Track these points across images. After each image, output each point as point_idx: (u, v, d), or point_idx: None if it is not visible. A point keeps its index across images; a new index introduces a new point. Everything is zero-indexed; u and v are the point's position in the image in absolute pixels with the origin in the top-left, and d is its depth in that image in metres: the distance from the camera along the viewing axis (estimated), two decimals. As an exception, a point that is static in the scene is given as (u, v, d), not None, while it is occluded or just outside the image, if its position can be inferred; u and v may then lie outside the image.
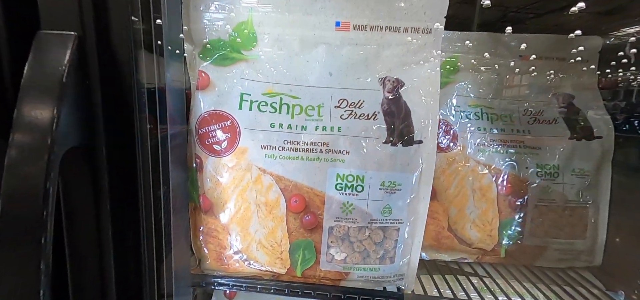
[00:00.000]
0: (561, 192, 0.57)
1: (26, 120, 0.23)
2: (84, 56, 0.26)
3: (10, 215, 0.23)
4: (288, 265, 0.48)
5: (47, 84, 0.24)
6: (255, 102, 0.45)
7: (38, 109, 0.23)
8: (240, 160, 0.45)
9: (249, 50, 0.46)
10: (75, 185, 0.28)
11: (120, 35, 0.26)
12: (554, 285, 0.55)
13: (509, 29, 0.60)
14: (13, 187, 0.23)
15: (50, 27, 0.25)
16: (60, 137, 0.24)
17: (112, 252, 0.30)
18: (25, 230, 0.23)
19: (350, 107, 0.46)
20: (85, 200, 0.28)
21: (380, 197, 0.46)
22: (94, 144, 0.27)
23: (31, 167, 0.23)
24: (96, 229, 0.29)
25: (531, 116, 0.60)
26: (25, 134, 0.23)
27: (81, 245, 0.30)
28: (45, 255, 0.23)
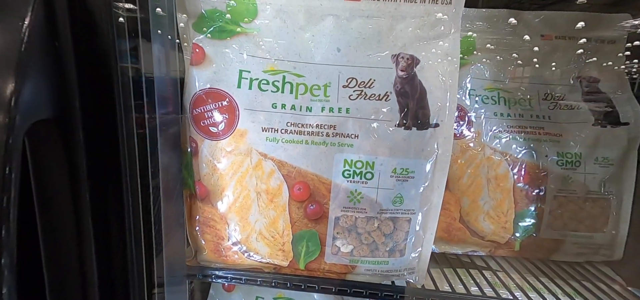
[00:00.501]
0: (582, 182, 0.54)
1: None
2: (52, 13, 0.22)
3: None
4: (290, 257, 0.45)
5: (5, 48, 0.20)
6: (256, 80, 0.41)
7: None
8: (239, 144, 0.41)
9: (248, 22, 0.41)
10: (47, 163, 0.24)
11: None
12: (572, 280, 0.51)
13: (513, 20, 0.55)
14: None
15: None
16: (23, 110, 0.20)
17: (92, 240, 0.27)
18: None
19: (359, 86, 0.42)
20: (59, 181, 0.24)
21: (391, 185, 0.42)
22: (68, 116, 0.23)
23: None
24: (73, 212, 0.25)
25: (552, 101, 0.56)
26: None
27: (57, 232, 0.26)
28: (7, 247, 0.20)
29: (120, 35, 0.25)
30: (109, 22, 0.24)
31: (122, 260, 0.30)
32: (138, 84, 0.27)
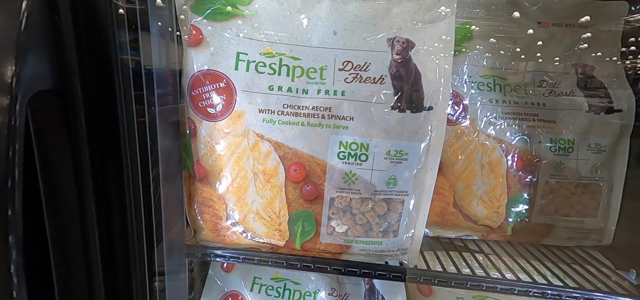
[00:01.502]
0: (574, 169, 0.54)
1: None
2: (52, -11, 0.22)
3: None
4: (287, 237, 0.46)
5: (7, 22, 0.20)
6: (253, 63, 0.42)
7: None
8: (237, 125, 0.42)
9: (246, 4, 0.42)
10: (49, 134, 0.25)
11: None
12: (562, 263, 0.53)
13: (511, 8, 0.55)
14: None
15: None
16: (25, 80, 0.21)
17: (95, 216, 0.28)
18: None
19: (355, 69, 0.42)
20: (61, 152, 0.25)
21: (385, 167, 0.43)
22: (68, 89, 0.24)
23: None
24: (75, 183, 0.26)
25: (547, 88, 0.56)
26: None
27: (60, 208, 0.27)
28: (14, 227, 0.21)
29: (120, 26, 0.26)
30: (110, 14, 0.24)
31: (124, 245, 0.31)
32: (138, 74, 0.28)
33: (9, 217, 0.20)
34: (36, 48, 0.22)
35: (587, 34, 0.56)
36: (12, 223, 0.21)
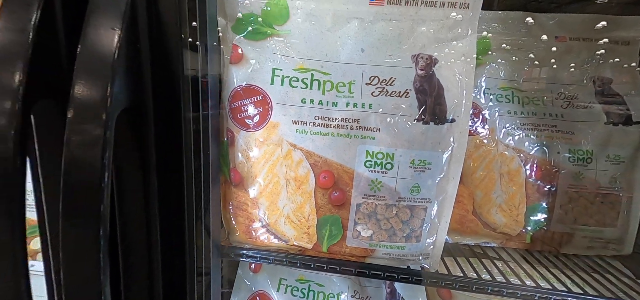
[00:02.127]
0: (593, 179, 0.56)
1: (83, 91, 0.24)
2: (135, 19, 0.26)
3: (72, 188, 0.24)
4: (314, 240, 0.49)
5: (105, 48, 0.24)
6: (287, 78, 0.45)
7: (95, 77, 0.24)
8: (272, 135, 0.46)
9: (281, 25, 0.46)
10: (123, 147, 0.29)
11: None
12: (582, 271, 0.54)
13: (529, 21, 0.57)
14: (73, 160, 0.24)
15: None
16: (115, 103, 0.25)
17: (157, 213, 0.31)
18: (86, 200, 0.24)
19: (381, 84, 0.45)
20: (133, 159, 0.29)
21: (410, 175, 0.46)
22: (142, 102, 0.28)
23: (89, 141, 0.24)
24: (142, 184, 0.30)
25: (565, 100, 0.58)
26: (83, 105, 0.24)
27: (128, 205, 0.31)
28: (104, 222, 0.24)
29: (185, 46, 0.29)
30: (178, 36, 0.28)
31: (181, 243, 0.34)
32: (196, 86, 0.32)
33: (101, 212, 0.24)
34: (122, 72, 0.26)
35: (604, 47, 0.57)
36: (103, 217, 0.24)
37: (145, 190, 0.31)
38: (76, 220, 0.24)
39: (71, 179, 0.24)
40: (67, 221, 0.24)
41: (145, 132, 0.29)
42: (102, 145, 0.24)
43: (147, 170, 0.30)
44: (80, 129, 0.24)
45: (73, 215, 0.24)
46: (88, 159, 0.24)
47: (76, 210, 0.24)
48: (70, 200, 0.24)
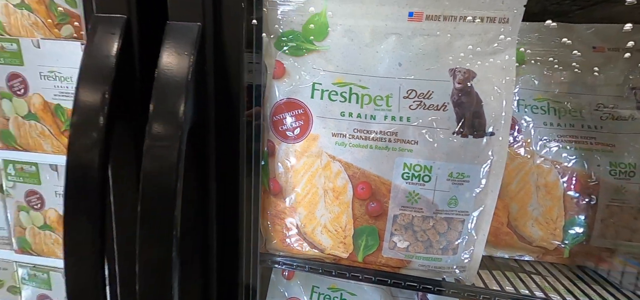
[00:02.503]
0: (637, 192, 0.54)
1: (160, 109, 0.26)
2: (203, 44, 0.29)
3: (150, 195, 0.26)
4: (350, 250, 0.50)
5: (179, 70, 0.27)
6: (326, 91, 0.47)
7: (171, 97, 0.26)
8: (311, 147, 0.47)
9: (320, 41, 0.47)
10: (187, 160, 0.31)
11: (233, 25, 0.29)
12: (625, 288, 0.52)
13: (551, 22, 0.56)
14: (152, 169, 0.26)
15: (177, 18, 0.28)
16: (186, 119, 0.27)
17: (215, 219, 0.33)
18: (162, 206, 0.26)
19: (419, 97, 0.46)
20: (193, 169, 0.31)
21: (447, 188, 0.46)
22: (205, 115, 0.30)
23: (166, 152, 0.26)
24: (201, 191, 0.32)
25: (604, 112, 0.57)
26: (161, 119, 0.26)
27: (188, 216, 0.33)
28: (176, 225, 0.27)
29: (244, 65, 0.32)
30: (240, 52, 0.30)
31: (234, 248, 0.36)
32: (250, 97, 0.34)
33: (174, 217, 0.26)
34: (193, 92, 0.28)
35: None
36: (176, 219, 0.26)
37: (203, 197, 0.33)
38: (152, 224, 0.26)
39: (149, 186, 0.26)
40: (144, 225, 0.26)
41: (207, 143, 0.31)
42: (177, 157, 0.26)
43: (206, 179, 0.32)
44: (158, 143, 0.26)
45: (150, 220, 0.26)
46: (165, 169, 0.26)
47: (153, 216, 0.26)
48: (148, 206, 0.26)
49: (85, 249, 0.27)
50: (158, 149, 0.26)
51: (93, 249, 0.27)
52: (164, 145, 0.26)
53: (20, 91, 0.56)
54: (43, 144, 0.58)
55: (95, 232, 0.28)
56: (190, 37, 0.27)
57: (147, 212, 0.26)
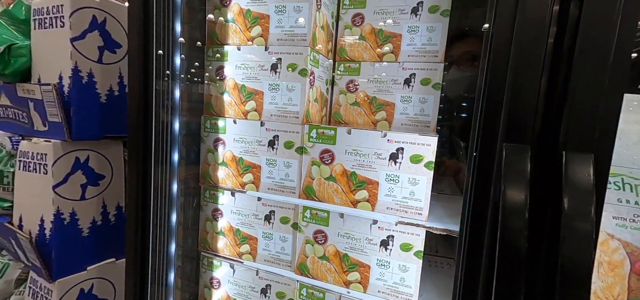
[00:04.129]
0: None
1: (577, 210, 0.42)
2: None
3: (568, 270, 0.41)
4: (621, 317, 0.58)
5: (585, 184, 0.42)
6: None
7: (583, 206, 0.41)
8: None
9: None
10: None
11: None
12: None
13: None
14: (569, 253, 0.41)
15: (571, 148, 0.45)
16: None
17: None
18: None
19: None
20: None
21: None
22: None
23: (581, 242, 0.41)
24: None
25: None
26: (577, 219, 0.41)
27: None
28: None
29: None
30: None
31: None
32: None
33: (589, 284, 0.40)
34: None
35: None
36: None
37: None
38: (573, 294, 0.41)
39: (567, 262, 0.41)
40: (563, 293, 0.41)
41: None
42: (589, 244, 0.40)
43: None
44: (575, 234, 0.41)
45: (570, 290, 0.41)
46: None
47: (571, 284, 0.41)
48: (567, 279, 0.41)
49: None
50: (574, 239, 0.41)
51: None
52: (580, 237, 0.41)
53: (328, 161, 0.82)
54: (335, 199, 0.83)
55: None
56: (586, 164, 0.43)
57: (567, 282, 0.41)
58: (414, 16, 0.93)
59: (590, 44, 0.44)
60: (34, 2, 0.90)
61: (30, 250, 0.92)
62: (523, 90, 0.47)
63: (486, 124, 0.51)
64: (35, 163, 0.92)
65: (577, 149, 0.44)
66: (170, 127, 0.88)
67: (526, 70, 0.47)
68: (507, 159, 0.46)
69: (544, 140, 0.48)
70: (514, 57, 0.48)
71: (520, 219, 0.43)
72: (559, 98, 0.47)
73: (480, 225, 0.53)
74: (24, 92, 0.93)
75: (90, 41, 0.89)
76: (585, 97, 0.45)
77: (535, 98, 0.47)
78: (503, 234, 0.44)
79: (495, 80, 0.50)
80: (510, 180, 0.45)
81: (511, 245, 0.43)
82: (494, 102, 0.50)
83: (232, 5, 0.92)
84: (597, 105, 0.44)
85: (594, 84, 0.44)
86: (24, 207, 0.97)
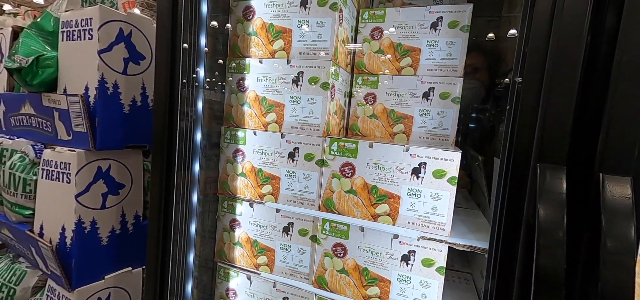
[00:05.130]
0: None
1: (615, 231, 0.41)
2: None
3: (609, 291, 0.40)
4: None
5: (624, 206, 0.42)
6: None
7: (622, 222, 0.41)
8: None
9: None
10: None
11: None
12: None
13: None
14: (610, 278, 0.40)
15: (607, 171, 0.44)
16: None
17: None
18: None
19: None
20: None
21: None
22: None
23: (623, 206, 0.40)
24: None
25: None
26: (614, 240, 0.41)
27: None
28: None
29: None
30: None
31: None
32: None
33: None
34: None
35: None
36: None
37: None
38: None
39: (608, 287, 0.40)
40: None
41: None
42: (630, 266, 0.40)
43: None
44: (614, 257, 0.41)
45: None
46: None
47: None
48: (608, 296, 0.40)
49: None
50: (616, 260, 0.41)
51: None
52: (620, 262, 0.40)
53: (348, 174, 0.82)
54: (355, 212, 0.83)
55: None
56: (625, 186, 0.42)
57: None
58: (433, 31, 0.94)
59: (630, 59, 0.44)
60: (63, 15, 0.92)
61: (51, 258, 0.93)
62: (558, 109, 0.47)
63: (519, 142, 0.51)
64: (58, 172, 0.93)
65: (613, 170, 0.44)
66: (192, 136, 0.89)
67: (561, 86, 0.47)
68: (542, 178, 0.46)
69: (578, 160, 0.48)
70: (548, 73, 0.48)
71: (557, 240, 0.43)
72: (595, 117, 0.47)
73: (512, 244, 0.53)
74: (49, 102, 0.95)
75: (116, 53, 0.91)
76: (622, 115, 0.45)
77: (571, 116, 0.47)
78: (539, 254, 0.44)
79: (527, 100, 0.50)
80: (546, 201, 0.45)
81: (548, 266, 0.43)
82: (527, 121, 0.50)
83: (255, 19, 0.94)
84: (635, 124, 0.44)
85: (632, 101, 0.44)
86: (45, 215, 0.98)
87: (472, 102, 1.19)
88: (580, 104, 0.48)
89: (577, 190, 0.48)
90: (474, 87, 1.18)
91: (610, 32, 0.45)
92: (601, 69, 0.45)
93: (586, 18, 0.45)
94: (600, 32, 0.46)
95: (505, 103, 0.58)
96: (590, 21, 0.45)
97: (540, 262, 0.44)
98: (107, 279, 0.99)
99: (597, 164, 0.45)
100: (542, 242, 0.44)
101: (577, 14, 0.46)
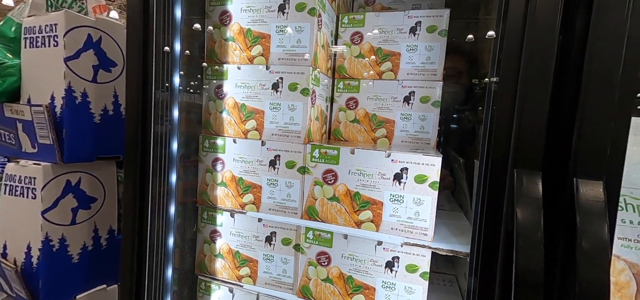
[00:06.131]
0: None
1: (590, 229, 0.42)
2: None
3: (587, 284, 0.41)
4: (629, 337, 0.58)
5: (598, 206, 0.42)
6: (605, 201, 0.59)
7: (597, 222, 0.42)
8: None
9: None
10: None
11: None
12: None
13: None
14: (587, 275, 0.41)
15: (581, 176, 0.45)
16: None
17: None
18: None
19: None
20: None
21: None
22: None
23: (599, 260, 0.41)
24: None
25: None
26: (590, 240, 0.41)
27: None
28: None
29: None
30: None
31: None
32: None
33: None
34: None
35: None
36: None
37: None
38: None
39: (584, 282, 0.41)
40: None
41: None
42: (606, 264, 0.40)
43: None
44: (590, 259, 0.41)
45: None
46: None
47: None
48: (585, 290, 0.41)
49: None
50: (592, 260, 0.41)
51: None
52: (596, 262, 0.41)
53: (331, 181, 0.81)
54: (338, 219, 0.81)
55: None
56: (597, 189, 0.43)
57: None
58: (412, 35, 0.94)
59: (598, 66, 0.44)
60: (26, 20, 0.87)
61: (15, 280, 0.87)
62: (533, 116, 0.48)
63: (496, 146, 0.51)
64: (22, 187, 0.87)
65: (587, 174, 0.45)
66: (168, 144, 0.86)
67: (535, 93, 0.48)
68: (519, 183, 0.46)
69: (553, 163, 0.48)
70: (522, 80, 0.49)
71: (535, 242, 0.43)
72: (567, 123, 0.47)
73: (493, 247, 0.53)
74: (12, 113, 0.89)
75: (85, 60, 0.86)
76: (594, 121, 0.46)
77: (545, 121, 0.48)
78: (518, 256, 0.44)
79: (503, 109, 0.50)
80: (524, 205, 0.45)
81: (528, 267, 0.43)
82: (504, 125, 0.50)
83: (232, 25, 0.91)
84: (606, 129, 0.45)
85: (602, 107, 0.45)
86: (8, 233, 0.92)
87: (452, 104, 1.20)
88: (554, 109, 0.49)
89: (553, 194, 0.49)
90: (454, 88, 1.20)
91: (580, 39, 0.46)
92: (573, 75, 0.46)
93: (557, 25, 0.46)
94: (572, 38, 0.46)
95: (484, 104, 0.59)
96: (560, 28, 0.46)
97: (519, 263, 0.44)
98: (79, 298, 0.93)
99: (571, 168, 0.46)
100: (521, 245, 0.44)
101: (548, 25, 0.47)
